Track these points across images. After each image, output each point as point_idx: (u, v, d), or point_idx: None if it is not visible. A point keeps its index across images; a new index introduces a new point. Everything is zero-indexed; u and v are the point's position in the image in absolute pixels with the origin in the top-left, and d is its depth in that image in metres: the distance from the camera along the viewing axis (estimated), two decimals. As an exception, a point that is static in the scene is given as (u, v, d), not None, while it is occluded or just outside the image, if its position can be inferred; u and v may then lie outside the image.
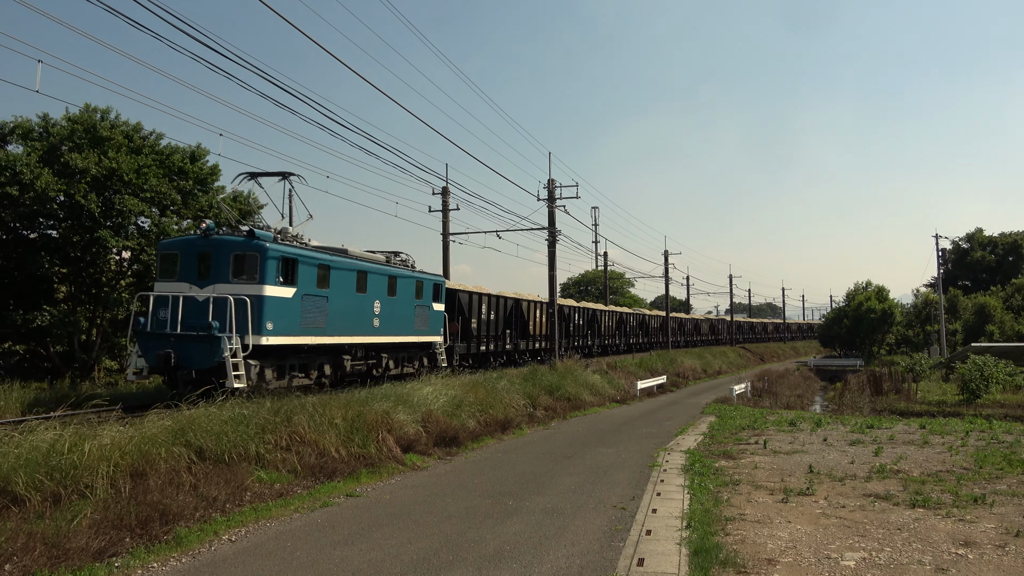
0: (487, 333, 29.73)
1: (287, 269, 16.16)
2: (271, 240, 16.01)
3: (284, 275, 16.02)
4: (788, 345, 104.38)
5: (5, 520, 7.46)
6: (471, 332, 27.83)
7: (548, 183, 32.64)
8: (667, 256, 60.74)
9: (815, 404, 42.45)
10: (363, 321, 19.15)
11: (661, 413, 24.78)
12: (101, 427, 9.80)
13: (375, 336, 19.86)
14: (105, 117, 26.98)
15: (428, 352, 23.70)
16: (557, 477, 12.04)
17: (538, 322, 36.23)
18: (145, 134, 28.23)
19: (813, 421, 20.44)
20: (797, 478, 11.65)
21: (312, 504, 9.82)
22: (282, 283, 15.94)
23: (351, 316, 18.57)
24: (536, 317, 35.90)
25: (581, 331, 42.60)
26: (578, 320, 43.48)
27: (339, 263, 18.14)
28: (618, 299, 73.85)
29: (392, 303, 20.65)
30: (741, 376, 46.65)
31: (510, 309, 32.39)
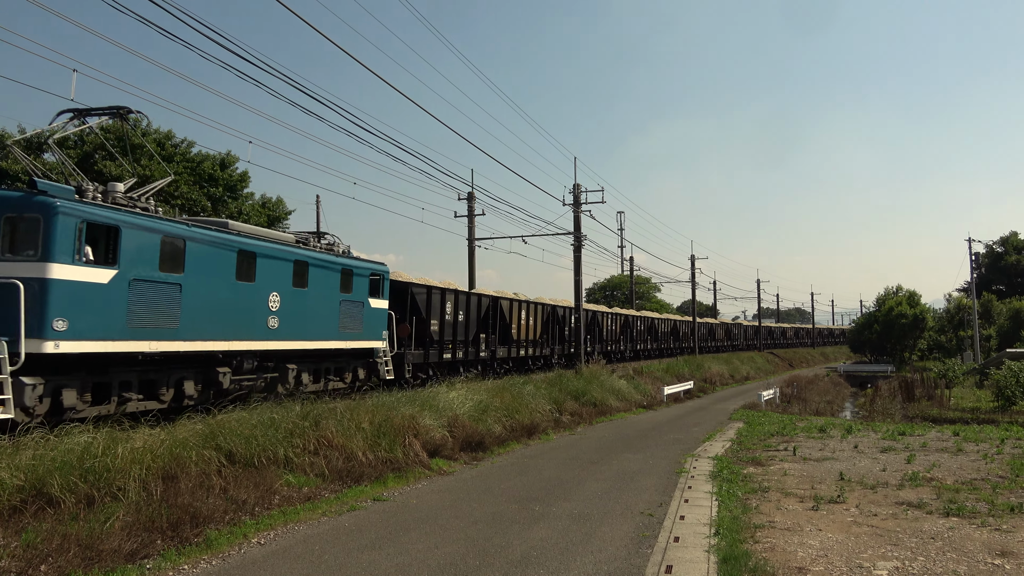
0: (453, 338, 24.61)
1: (99, 241, 11.47)
2: (69, 197, 11.17)
3: (94, 249, 11.38)
4: (817, 351, 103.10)
5: (41, 521, 7.60)
6: (431, 337, 22.97)
7: (574, 188, 32.61)
8: (694, 261, 60.36)
9: (845, 410, 41.88)
10: (250, 320, 14.33)
11: (688, 419, 24.61)
12: (133, 430, 9.95)
13: (273, 341, 14.98)
14: (137, 125, 27.48)
15: (365, 362, 19.18)
16: (584, 483, 11.99)
17: (525, 325, 31.00)
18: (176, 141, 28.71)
19: (843, 428, 20.17)
20: (827, 485, 11.50)
21: (340, 508, 9.88)
22: (88, 261, 11.15)
23: (228, 313, 13.73)
24: (522, 319, 30.72)
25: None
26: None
27: (203, 237, 13.28)
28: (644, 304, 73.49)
29: (301, 297, 15.80)
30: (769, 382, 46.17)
31: (485, 309, 27.37)
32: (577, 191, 32.62)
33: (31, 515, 7.71)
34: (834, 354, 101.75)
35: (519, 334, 30.40)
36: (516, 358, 30.27)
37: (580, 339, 32.48)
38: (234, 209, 28.96)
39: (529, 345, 31.68)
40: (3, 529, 7.38)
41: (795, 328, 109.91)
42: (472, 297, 26.49)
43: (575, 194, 32.61)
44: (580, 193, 32.68)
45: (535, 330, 32.13)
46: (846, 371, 67.15)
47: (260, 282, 14.63)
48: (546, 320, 33.37)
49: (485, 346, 27.10)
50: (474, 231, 35.27)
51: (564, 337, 35.83)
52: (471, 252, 35.20)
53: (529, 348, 31.63)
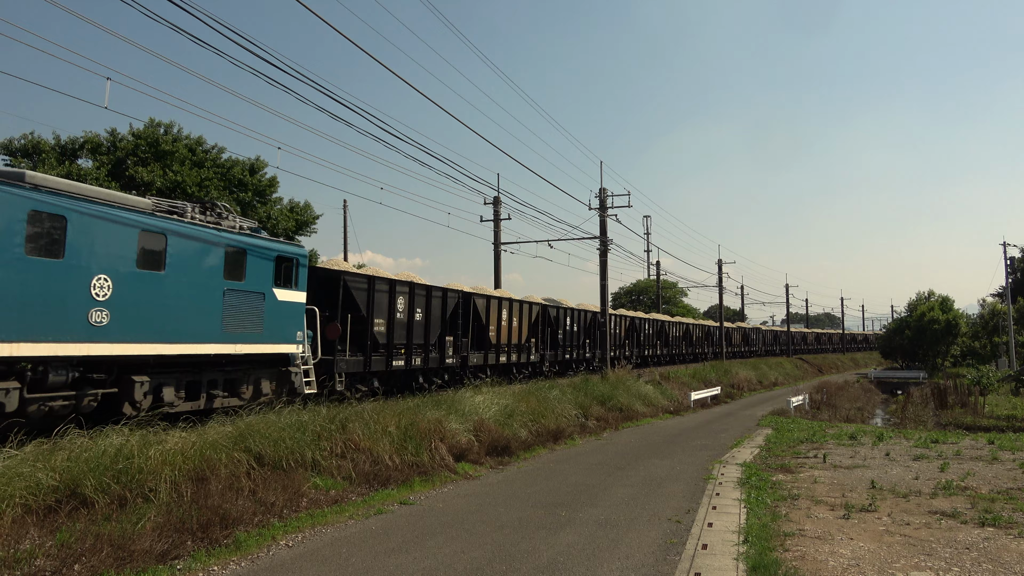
0: (407, 341, 20.09)
1: None
2: None
3: None
4: (847, 356, 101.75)
5: (75, 521, 7.73)
6: (373, 340, 18.55)
7: (599, 192, 32.54)
8: (720, 265, 59.91)
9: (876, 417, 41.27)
10: (55, 313, 10.31)
11: (716, 425, 24.39)
12: (165, 433, 10.08)
13: (99, 343, 10.94)
14: (168, 131, 27.89)
15: (273, 371, 14.85)
16: (610, 489, 11.93)
17: (507, 327, 26.54)
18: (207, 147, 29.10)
19: (874, 435, 19.87)
20: (859, 493, 11.33)
21: (366, 511, 9.92)
22: None
23: (9, 301, 9.76)
24: (502, 320, 26.16)
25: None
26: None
27: None
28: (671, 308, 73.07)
29: (152, 284, 11.81)
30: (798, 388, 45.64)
31: (453, 307, 22.77)
32: (603, 195, 32.54)
33: (65, 515, 7.85)
34: (864, 360, 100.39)
35: (498, 337, 25.85)
36: (495, 365, 25.77)
37: (606, 344, 32.37)
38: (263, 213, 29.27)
39: (512, 351, 27.48)
40: (39, 528, 7.52)
41: (824, 333, 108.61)
42: (434, 292, 21.63)
43: (601, 198, 32.54)
44: (606, 197, 32.60)
45: (520, 333, 27.99)
46: (877, 377, 66.18)
47: (74, 259, 10.56)
48: (535, 321, 29.59)
49: (453, 351, 22.62)
50: (500, 235, 35.33)
51: (558, 342, 31.83)
52: (496, 256, 35.26)
53: (513, 354, 27.48)
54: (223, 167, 28.58)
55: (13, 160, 25.35)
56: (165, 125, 27.71)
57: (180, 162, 26.55)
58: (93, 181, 23.94)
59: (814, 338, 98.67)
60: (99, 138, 26.64)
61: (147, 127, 27.07)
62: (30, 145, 25.66)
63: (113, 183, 24.43)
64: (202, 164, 27.72)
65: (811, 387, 46.37)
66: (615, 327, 38.65)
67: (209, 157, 28.54)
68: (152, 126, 27.19)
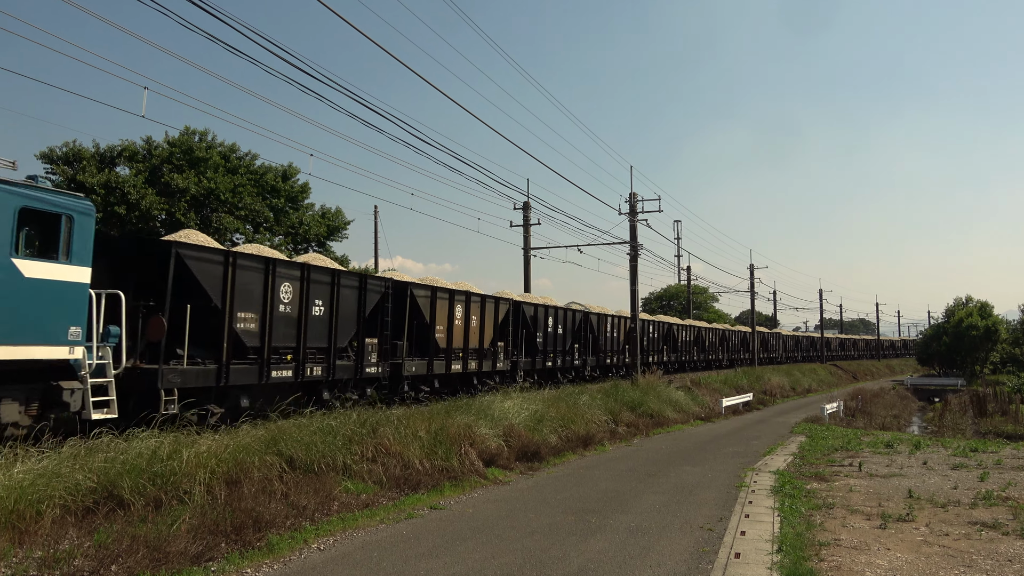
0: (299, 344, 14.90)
1: None
2: None
3: None
4: (883, 363, 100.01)
5: (112, 522, 7.87)
6: (238, 341, 13.51)
7: (630, 197, 32.41)
8: (752, 270, 59.36)
9: (913, 425, 40.53)
10: None
11: (748, 432, 24.11)
12: (198, 435, 10.22)
13: None
14: (202, 139, 28.35)
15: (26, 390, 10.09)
16: (641, 495, 11.85)
17: (462, 327, 21.23)
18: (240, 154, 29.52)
19: (911, 443, 19.49)
20: (895, 503, 11.12)
21: (397, 515, 9.95)
22: None
23: None
24: (457, 319, 20.98)
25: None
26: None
27: None
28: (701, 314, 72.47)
29: None
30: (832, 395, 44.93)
31: (377, 301, 17.48)
32: (633, 200, 32.41)
33: (103, 516, 7.99)
34: (900, 367, 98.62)
35: (457, 339, 20.91)
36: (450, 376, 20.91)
37: (636, 350, 32.20)
38: (295, 219, 29.61)
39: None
40: (77, 529, 7.67)
41: (859, 340, 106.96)
42: (343, 280, 16.21)
43: (631, 203, 32.42)
44: (636, 202, 32.47)
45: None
46: (913, 384, 64.99)
47: None
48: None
49: (375, 359, 17.30)
50: (529, 240, 35.36)
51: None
52: (526, 261, 35.28)
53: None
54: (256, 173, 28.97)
55: (55, 168, 25.95)
56: (200, 133, 28.18)
57: (214, 169, 26.97)
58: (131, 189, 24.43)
59: (849, 344, 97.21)
60: (135, 146, 27.18)
61: (182, 135, 27.56)
62: (71, 153, 26.26)
63: (150, 190, 24.90)
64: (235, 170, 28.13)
65: (846, 394, 45.66)
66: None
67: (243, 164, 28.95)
68: (187, 134, 27.67)
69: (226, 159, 28.12)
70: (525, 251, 35.34)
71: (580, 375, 30.45)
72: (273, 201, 29.26)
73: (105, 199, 24.24)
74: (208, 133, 28.43)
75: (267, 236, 28.45)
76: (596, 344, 32.15)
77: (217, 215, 26.28)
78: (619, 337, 34.55)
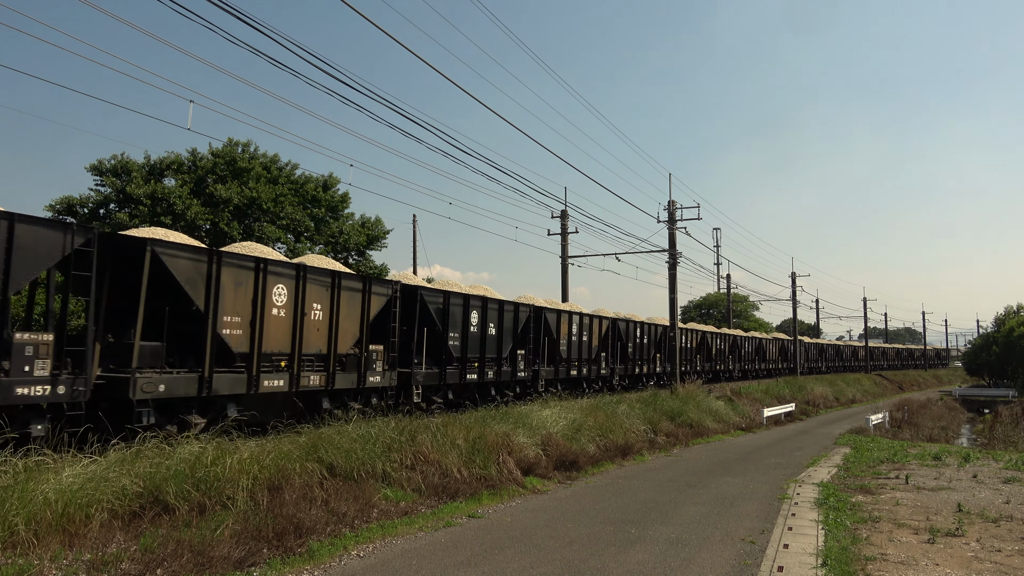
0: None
1: None
2: None
3: None
4: (929, 373, 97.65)
5: (157, 527, 8.02)
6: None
7: (668, 204, 32.20)
8: (794, 278, 58.47)
9: (961, 437, 39.48)
10: None
11: (790, 443, 23.70)
12: (240, 442, 10.38)
13: None
14: (245, 150, 28.89)
15: None
16: (680, 506, 11.71)
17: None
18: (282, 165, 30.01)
19: (960, 455, 18.97)
20: (944, 517, 10.82)
21: (435, 523, 9.98)
22: None
23: None
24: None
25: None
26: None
27: None
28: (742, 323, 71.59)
29: None
30: (877, 405, 43.98)
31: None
32: (672, 208, 32.20)
33: (148, 520, 8.15)
34: (948, 377, 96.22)
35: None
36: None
37: (676, 358, 31.90)
38: (335, 229, 29.98)
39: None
40: (124, 533, 7.82)
41: (905, 349, 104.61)
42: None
43: (670, 211, 32.20)
44: (675, 210, 32.24)
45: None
46: (962, 395, 63.34)
47: None
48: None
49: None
50: (567, 249, 35.31)
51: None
52: (564, 270, 35.23)
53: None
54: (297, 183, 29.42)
55: (104, 179, 26.65)
56: (243, 144, 28.73)
57: (256, 179, 27.45)
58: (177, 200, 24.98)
59: (894, 353, 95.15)
60: (181, 158, 27.80)
61: (226, 146, 28.12)
62: (119, 166, 26.95)
63: (195, 201, 25.43)
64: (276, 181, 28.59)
65: (891, 405, 44.66)
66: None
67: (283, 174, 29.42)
68: (231, 145, 28.23)
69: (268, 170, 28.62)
70: (563, 259, 35.30)
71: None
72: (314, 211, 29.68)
73: (152, 209, 24.82)
74: (251, 144, 29.00)
75: (308, 245, 28.85)
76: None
77: (259, 224, 26.73)
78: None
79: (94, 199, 26.63)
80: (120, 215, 25.01)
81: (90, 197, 26.69)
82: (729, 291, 64.86)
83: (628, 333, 31.25)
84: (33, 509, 7.34)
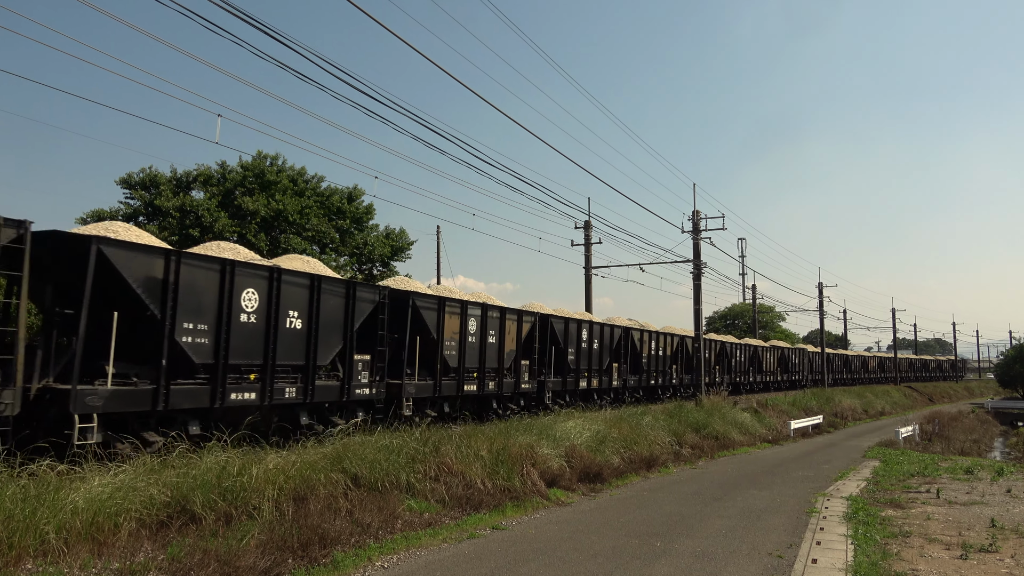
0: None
1: None
2: None
3: None
4: (960, 385, 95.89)
5: (184, 536, 8.09)
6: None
7: (693, 215, 32.04)
8: (821, 288, 57.81)
9: (994, 451, 38.70)
10: None
11: (818, 455, 23.39)
12: (265, 452, 10.45)
13: None
14: (273, 163, 29.24)
15: None
16: (706, 519, 11.59)
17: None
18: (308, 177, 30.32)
19: (993, 469, 18.59)
20: (977, 532, 10.61)
21: (459, 535, 9.96)
22: None
23: None
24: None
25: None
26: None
27: None
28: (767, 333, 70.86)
29: None
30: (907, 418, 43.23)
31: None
32: (696, 218, 32.02)
33: (176, 530, 8.22)
34: (980, 389, 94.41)
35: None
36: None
37: (700, 370, 31.65)
38: (360, 240, 30.20)
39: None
40: (151, 542, 7.90)
41: (935, 360, 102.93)
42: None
43: (694, 221, 32.03)
44: (699, 220, 32.06)
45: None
46: (994, 408, 62.08)
47: None
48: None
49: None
50: (590, 259, 35.25)
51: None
52: (587, 280, 35.16)
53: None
54: (322, 195, 29.70)
55: (133, 192, 27.09)
56: (271, 157, 29.08)
57: (283, 191, 27.76)
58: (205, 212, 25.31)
59: (921, 365, 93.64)
60: (210, 170, 28.20)
61: (255, 159, 28.48)
62: (148, 179, 27.39)
63: (222, 213, 25.76)
64: (303, 193, 28.89)
65: (921, 417, 43.92)
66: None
67: (310, 186, 29.73)
68: (259, 158, 28.58)
69: (295, 182, 28.94)
70: (586, 270, 35.24)
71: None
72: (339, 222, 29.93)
73: (180, 222, 25.18)
74: (279, 157, 29.34)
75: (332, 256, 29.09)
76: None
77: (285, 236, 27.00)
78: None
79: (124, 211, 27.08)
80: (149, 227, 25.41)
81: (120, 210, 27.15)
82: (755, 301, 64.30)
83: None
84: (63, 518, 7.44)
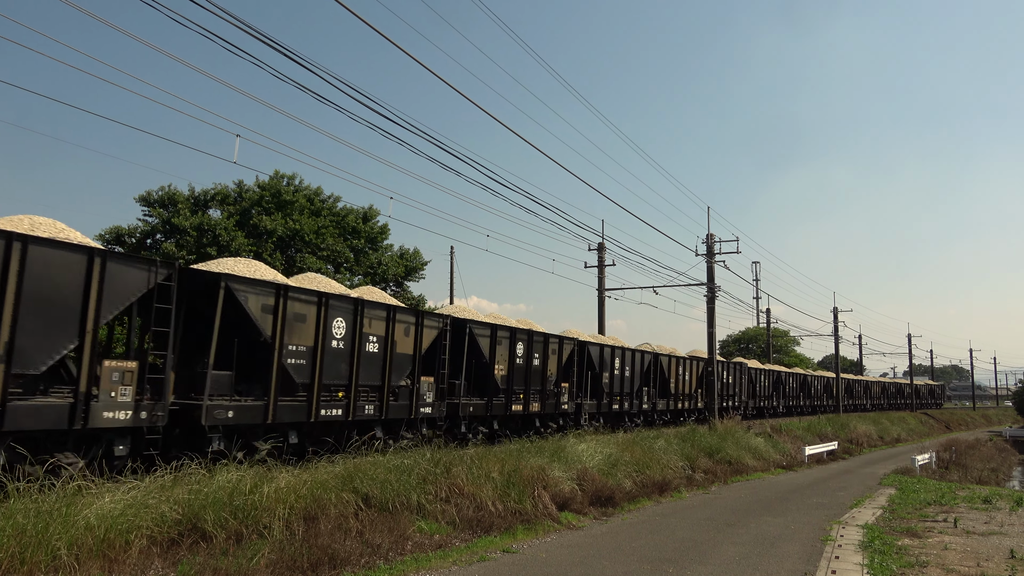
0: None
1: None
2: None
3: None
4: (978, 412, 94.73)
5: (195, 555, 8.08)
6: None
7: (707, 237, 32.01)
8: (836, 313, 57.45)
9: (1013, 480, 38.11)
10: None
11: (833, 482, 23.11)
12: (277, 471, 10.45)
13: None
14: (290, 182, 29.50)
15: None
16: (719, 546, 11.46)
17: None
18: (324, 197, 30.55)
19: (1012, 499, 18.29)
20: (996, 563, 10.42)
21: (470, 557, 9.90)
22: None
23: None
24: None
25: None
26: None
27: None
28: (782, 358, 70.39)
29: None
30: (924, 445, 42.72)
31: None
32: (710, 241, 31.99)
33: (186, 548, 8.22)
34: (997, 416, 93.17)
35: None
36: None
37: (714, 394, 31.45)
38: (374, 260, 30.34)
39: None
40: (162, 560, 7.90)
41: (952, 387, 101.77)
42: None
43: (708, 244, 31.99)
44: (713, 243, 32.02)
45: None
46: (1013, 436, 61.21)
47: None
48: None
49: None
50: (604, 281, 35.24)
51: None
52: (600, 302, 35.12)
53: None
54: (338, 215, 29.90)
55: (152, 210, 27.38)
56: (288, 176, 29.35)
57: (299, 211, 27.98)
58: (222, 231, 25.54)
59: (938, 391, 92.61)
60: (227, 189, 28.48)
61: (272, 179, 28.76)
62: (166, 197, 27.70)
63: (239, 232, 25.98)
64: (319, 212, 29.10)
65: (938, 444, 43.35)
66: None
67: (326, 206, 29.95)
68: (276, 177, 28.86)
69: (311, 202, 29.16)
70: (599, 292, 35.21)
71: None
72: (354, 242, 30.10)
73: (198, 240, 25.41)
74: (296, 177, 29.60)
75: (347, 276, 29.23)
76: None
77: (301, 255, 27.17)
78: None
79: (142, 229, 27.36)
80: (167, 245, 25.65)
81: (138, 227, 27.43)
82: (769, 325, 63.94)
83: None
84: (75, 534, 7.45)
